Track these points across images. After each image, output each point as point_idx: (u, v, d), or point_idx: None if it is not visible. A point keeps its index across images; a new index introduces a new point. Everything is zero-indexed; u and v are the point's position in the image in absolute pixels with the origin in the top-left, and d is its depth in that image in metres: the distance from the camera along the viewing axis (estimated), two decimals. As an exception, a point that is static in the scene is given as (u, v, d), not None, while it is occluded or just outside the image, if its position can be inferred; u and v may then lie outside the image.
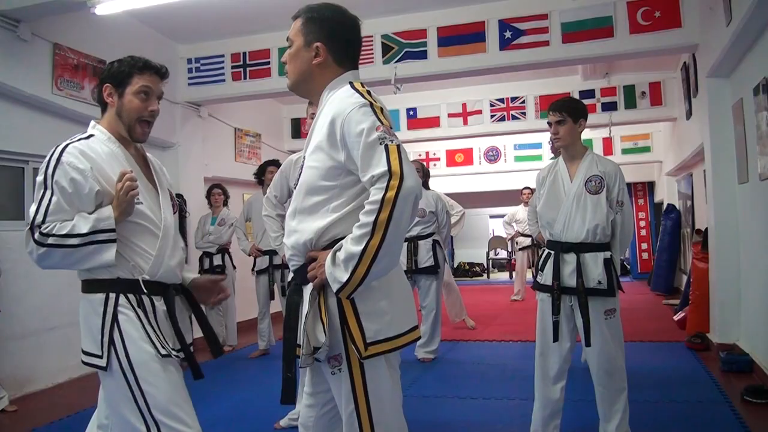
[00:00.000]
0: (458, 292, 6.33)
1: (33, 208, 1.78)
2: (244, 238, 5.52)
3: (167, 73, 2.01)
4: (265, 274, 5.40)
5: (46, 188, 1.78)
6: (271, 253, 5.24)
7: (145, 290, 1.83)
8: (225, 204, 6.01)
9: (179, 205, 2.10)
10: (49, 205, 1.76)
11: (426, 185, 5.20)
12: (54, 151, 1.82)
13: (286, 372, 1.67)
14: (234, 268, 5.99)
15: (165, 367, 1.80)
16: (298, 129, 8.49)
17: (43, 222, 1.74)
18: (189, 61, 6.13)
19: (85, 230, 1.74)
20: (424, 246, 4.99)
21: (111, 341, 1.78)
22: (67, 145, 1.83)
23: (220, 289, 2.11)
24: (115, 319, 1.79)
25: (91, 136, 1.90)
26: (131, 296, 1.82)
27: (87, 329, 1.83)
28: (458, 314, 6.33)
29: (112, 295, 1.81)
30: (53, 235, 1.73)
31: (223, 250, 5.87)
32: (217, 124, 6.96)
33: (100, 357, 1.78)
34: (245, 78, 5.98)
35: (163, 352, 1.80)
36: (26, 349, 4.34)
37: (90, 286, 1.84)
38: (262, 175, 5.16)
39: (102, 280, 1.82)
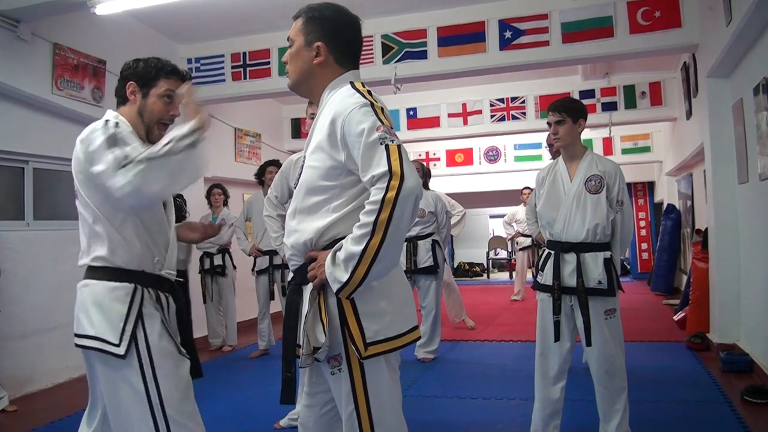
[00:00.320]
0: (458, 292, 6.34)
1: (101, 166, 1.71)
2: (244, 238, 5.52)
3: (191, 80, 2.03)
4: (265, 274, 5.40)
5: (110, 148, 1.72)
6: (272, 253, 5.23)
7: (164, 286, 1.87)
8: (225, 204, 6.02)
9: (179, 205, 2.12)
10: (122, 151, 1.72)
11: (426, 185, 5.20)
12: (95, 126, 1.79)
13: (286, 372, 1.67)
14: (234, 268, 6.00)
15: (181, 365, 1.82)
16: (298, 129, 8.49)
17: (125, 157, 1.70)
18: (189, 61, 6.12)
19: (165, 140, 1.74)
20: (424, 246, 4.99)
21: (134, 331, 1.75)
22: (107, 120, 1.82)
23: (207, 225, 2.21)
24: (140, 311, 1.79)
25: (117, 124, 1.84)
26: (152, 291, 1.84)
27: (102, 314, 1.77)
28: (458, 314, 6.33)
29: (140, 287, 1.81)
30: (141, 159, 1.69)
31: (224, 250, 5.89)
32: (217, 124, 6.95)
33: (117, 345, 1.73)
34: (245, 78, 5.98)
35: (182, 350, 1.83)
36: (26, 349, 4.34)
37: (112, 273, 1.80)
38: (262, 176, 5.18)
39: (129, 270, 1.81)
